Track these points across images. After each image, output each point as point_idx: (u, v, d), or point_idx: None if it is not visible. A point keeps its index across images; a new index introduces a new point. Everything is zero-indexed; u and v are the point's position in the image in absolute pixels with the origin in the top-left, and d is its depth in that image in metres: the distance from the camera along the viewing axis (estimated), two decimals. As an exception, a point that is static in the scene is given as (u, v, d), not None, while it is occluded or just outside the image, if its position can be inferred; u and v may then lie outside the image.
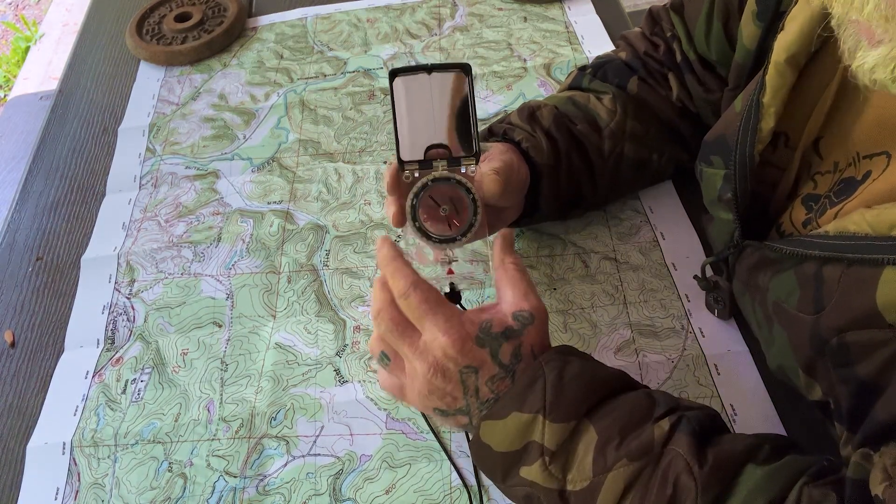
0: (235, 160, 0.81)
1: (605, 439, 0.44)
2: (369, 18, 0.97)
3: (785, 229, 0.50)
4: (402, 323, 0.48)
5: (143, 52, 0.94)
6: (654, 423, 0.45)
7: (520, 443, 0.46)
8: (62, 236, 0.77)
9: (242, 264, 0.71)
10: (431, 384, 0.47)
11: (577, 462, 0.44)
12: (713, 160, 0.54)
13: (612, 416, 0.45)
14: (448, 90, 0.51)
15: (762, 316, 0.50)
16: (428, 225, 0.52)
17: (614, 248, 0.68)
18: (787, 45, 0.46)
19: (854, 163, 0.45)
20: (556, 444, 0.45)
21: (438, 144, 0.52)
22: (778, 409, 0.56)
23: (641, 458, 0.43)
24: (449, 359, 0.46)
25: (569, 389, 0.46)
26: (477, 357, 0.46)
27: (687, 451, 0.42)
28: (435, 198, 0.52)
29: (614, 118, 0.64)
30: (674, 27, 0.67)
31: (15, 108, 1.99)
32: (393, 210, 0.53)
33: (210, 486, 0.56)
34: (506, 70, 0.87)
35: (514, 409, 0.46)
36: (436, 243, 0.52)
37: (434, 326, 0.46)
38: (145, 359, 0.64)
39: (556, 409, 0.45)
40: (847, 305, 0.40)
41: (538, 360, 0.47)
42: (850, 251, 0.40)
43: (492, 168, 0.54)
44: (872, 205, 0.41)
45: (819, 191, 0.48)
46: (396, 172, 0.52)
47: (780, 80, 0.47)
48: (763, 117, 0.48)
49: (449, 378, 0.47)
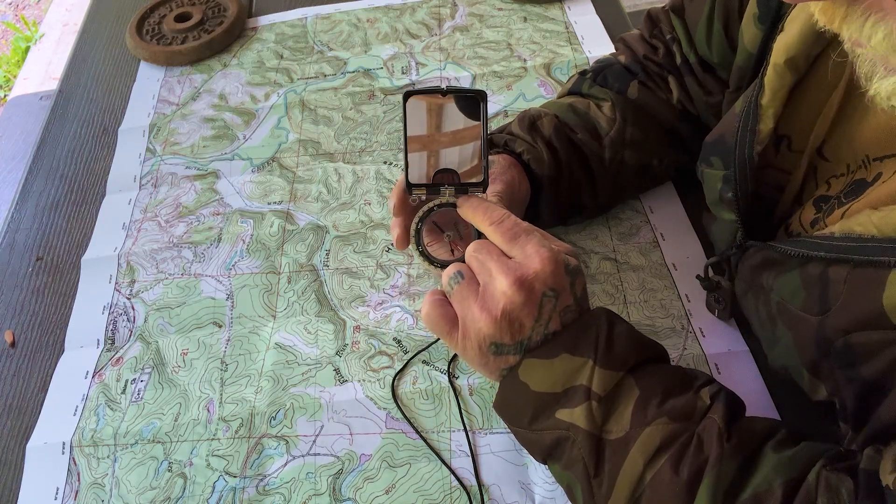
0: (235, 160, 0.81)
1: (647, 396, 0.45)
2: (369, 18, 0.97)
3: (793, 230, 0.51)
4: (488, 245, 0.49)
5: (143, 52, 0.94)
6: (696, 392, 0.46)
7: (562, 385, 0.47)
8: (62, 236, 0.77)
9: (242, 264, 0.71)
10: (512, 302, 0.46)
11: (618, 413, 0.45)
12: (713, 161, 0.55)
13: (655, 377, 0.47)
14: (461, 115, 0.51)
15: (765, 316, 0.50)
16: (431, 249, 0.52)
17: (614, 249, 0.68)
18: (787, 46, 0.46)
19: (864, 165, 0.45)
20: (605, 389, 0.46)
21: (447, 169, 0.52)
22: (778, 409, 0.56)
23: (682, 420, 0.44)
24: (538, 278, 0.46)
25: (618, 343, 0.47)
26: (561, 282, 0.47)
27: (723, 421, 0.43)
28: (438, 223, 0.52)
29: (614, 126, 0.64)
30: (673, 29, 0.67)
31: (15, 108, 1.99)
32: (397, 232, 0.53)
33: (210, 485, 0.56)
34: (506, 70, 0.87)
35: (565, 351, 0.47)
36: (438, 268, 0.52)
37: (528, 244, 0.47)
38: (145, 359, 0.64)
39: (608, 356, 0.46)
40: (853, 307, 0.40)
41: (593, 310, 0.49)
42: (856, 253, 0.40)
43: (494, 192, 0.55)
44: (879, 206, 0.40)
45: (831, 192, 0.48)
46: (403, 193, 0.52)
47: (779, 82, 0.47)
48: (762, 118, 0.48)
49: (531, 297, 0.46)
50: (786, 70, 0.47)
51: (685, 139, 0.68)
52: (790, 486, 0.40)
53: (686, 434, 0.44)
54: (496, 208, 0.49)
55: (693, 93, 0.66)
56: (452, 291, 0.49)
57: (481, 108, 0.50)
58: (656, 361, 0.49)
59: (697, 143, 0.60)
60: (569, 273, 0.47)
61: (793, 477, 0.40)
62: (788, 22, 0.47)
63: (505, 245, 0.48)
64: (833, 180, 0.49)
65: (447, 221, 0.52)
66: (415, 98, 0.50)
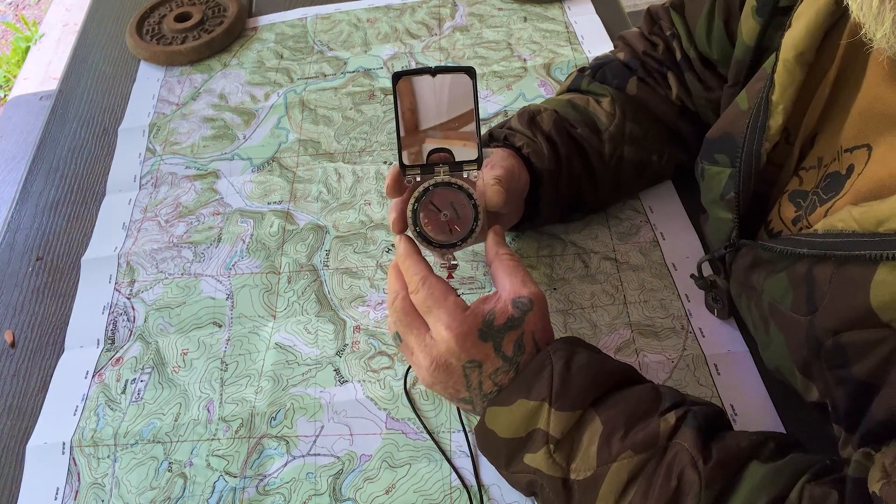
0: (235, 160, 0.81)
1: (610, 430, 0.45)
2: (369, 18, 0.97)
3: (774, 227, 0.50)
4: (412, 314, 0.49)
5: (143, 52, 0.94)
6: (661, 416, 0.45)
7: (525, 430, 0.46)
8: (62, 236, 0.77)
9: (242, 264, 0.71)
10: (434, 377, 0.48)
11: (582, 451, 0.45)
12: (718, 158, 0.54)
13: (618, 407, 0.46)
14: (452, 93, 0.51)
15: (758, 317, 0.50)
16: (428, 229, 0.52)
17: (614, 248, 0.68)
18: (795, 42, 0.46)
19: (837, 157, 0.45)
20: (561, 432, 0.45)
21: (441, 149, 0.52)
22: (778, 409, 0.56)
23: (646, 450, 0.43)
24: (452, 354, 0.47)
25: (576, 379, 0.46)
26: (480, 351, 0.47)
27: (692, 446, 0.43)
28: (436, 203, 0.52)
29: (613, 121, 0.64)
30: (673, 25, 0.67)
31: (15, 108, 1.99)
32: (393, 216, 0.53)
33: (210, 486, 0.56)
34: (506, 70, 0.87)
35: (521, 397, 0.47)
36: (436, 248, 0.52)
37: (438, 321, 0.47)
38: (145, 359, 0.64)
39: (563, 397, 0.46)
40: (840, 306, 0.40)
41: (546, 349, 0.48)
42: (839, 248, 0.39)
43: (494, 176, 0.55)
44: (860, 202, 0.40)
45: (805, 187, 0.48)
46: (398, 176, 0.52)
47: (789, 78, 0.47)
48: (772, 115, 0.48)
49: (451, 372, 0.48)
50: (795, 66, 0.47)
51: (684, 136, 0.68)
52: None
53: (652, 462, 0.43)
54: (419, 269, 0.49)
55: (693, 89, 0.66)
56: (399, 349, 0.52)
57: (472, 85, 0.50)
58: (623, 387, 0.48)
59: (697, 139, 0.60)
60: (489, 337, 0.47)
61: (776, 494, 0.40)
62: (795, 18, 0.47)
63: (422, 314, 0.49)
64: (803, 173, 0.49)
65: (444, 201, 0.52)
66: (405, 79, 0.50)
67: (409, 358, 0.51)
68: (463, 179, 0.51)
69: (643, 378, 0.50)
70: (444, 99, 0.51)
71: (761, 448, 0.43)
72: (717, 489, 0.41)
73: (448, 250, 0.52)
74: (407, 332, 0.50)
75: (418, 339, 0.49)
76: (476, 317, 0.47)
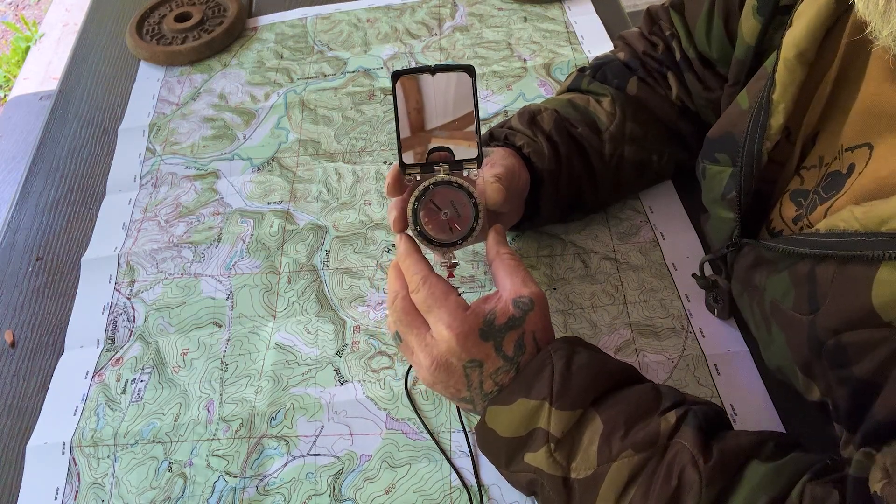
0: (235, 160, 0.81)
1: (610, 429, 0.45)
2: (369, 18, 0.97)
3: (775, 226, 0.50)
4: (412, 313, 0.49)
5: (143, 52, 0.94)
6: (661, 415, 0.45)
7: (525, 429, 0.46)
8: (62, 236, 0.77)
9: (242, 264, 0.71)
10: (435, 377, 0.48)
11: (582, 450, 0.45)
12: (719, 157, 0.54)
13: (618, 406, 0.46)
14: (451, 92, 0.51)
15: (760, 316, 0.50)
16: (429, 228, 0.52)
17: (614, 248, 0.68)
18: (796, 41, 0.46)
19: (838, 156, 0.45)
20: (562, 431, 0.45)
21: (441, 147, 0.52)
22: (778, 409, 0.56)
23: (647, 449, 0.43)
24: (453, 353, 0.47)
25: (576, 378, 0.46)
26: (481, 351, 0.47)
27: (693, 445, 0.43)
28: (436, 202, 0.52)
29: (613, 121, 0.65)
30: (673, 25, 0.67)
31: (15, 108, 1.99)
32: (394, 215, 0.53)
33: (210, 486, 0.56)
34: (506, 70, 0.87)
35: (522, 396, 0.47)
36: (436, 247, 0.52)
37: (439, 321, 0.47)
38: (145, 359, 0.64)
39: (563, 396, 0.46)
40: (842, 306, 0.40)
41: (547, 348, 0.48)
42: (841, 248, 0.39)
43: (494, 174, 0.55)
44: (861, 201, 0.40)
45: (806, 186, 0.48)
46: (398, 175, 0.52)
47: (790, 77, 0.47)
48: (773, 114, 0.48)
49: (452, 372, 0.48)
50: (796, 64, 0.47)
51: (684, 135, 0.68)
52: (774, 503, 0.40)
53: (652, 462, 0.43)
54: (419, 268, 0.49)
55: (692, 89, 0.66)
56: (399, 349, 0.52)
57: (472, 84, 0.50)
58: (623, 386, 0.48)
59: (697, 139, 0.60)
60: (490, 336, 0.47)
61: (777, 494, 0.40)
62: (796, 17, 0.47)
63: (423, 313, 0.49)
64: (804, 172, 0.49)
65: (444, 200, 0.52)
66: (404, 78, 0.50)
67: (409, 358, 0.51)
68: (463, 178, 0.51)
69: (644, 378, 0.50)
70: (443, 98, 0.51)
71: (762, 447, 0.43)
72: (718, 488, 0.41)
73: (448, 249, 0.52)
74: (407, 331, 0.49)
75: (419, 339, 0.49)
76: (477, 316, 0.47)
